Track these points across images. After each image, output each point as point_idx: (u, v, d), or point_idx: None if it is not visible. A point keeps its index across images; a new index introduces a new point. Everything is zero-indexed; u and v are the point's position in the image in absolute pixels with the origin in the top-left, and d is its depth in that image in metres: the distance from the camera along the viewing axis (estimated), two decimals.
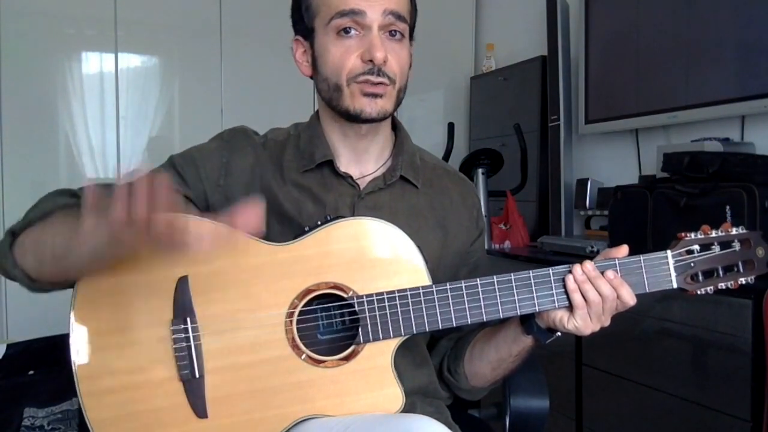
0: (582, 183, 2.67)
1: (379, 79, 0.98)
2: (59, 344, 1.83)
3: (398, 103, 1.04)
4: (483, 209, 2.53)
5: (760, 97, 1.93)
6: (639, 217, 1.94)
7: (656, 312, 1.77)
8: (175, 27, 3.03)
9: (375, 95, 0.99)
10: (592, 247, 2.08)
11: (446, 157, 2.92)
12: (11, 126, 2.77)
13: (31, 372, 1.95)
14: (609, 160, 2.72)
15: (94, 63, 2.94)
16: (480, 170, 2.69)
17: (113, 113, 2.93)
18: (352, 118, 1.01)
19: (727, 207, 1.65)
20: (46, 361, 1.95)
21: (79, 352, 0.92)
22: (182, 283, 0.92)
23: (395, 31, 1.01)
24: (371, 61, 0.97)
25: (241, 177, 1.05)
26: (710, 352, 1.64)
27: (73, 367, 0.91)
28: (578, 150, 2.83)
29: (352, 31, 0.99)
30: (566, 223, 2.72)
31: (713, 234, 0.96)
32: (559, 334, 0.99)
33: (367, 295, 0.93)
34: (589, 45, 2.63)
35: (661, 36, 2.31)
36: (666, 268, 0.95)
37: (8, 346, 1.95)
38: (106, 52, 2.93)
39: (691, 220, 0.98)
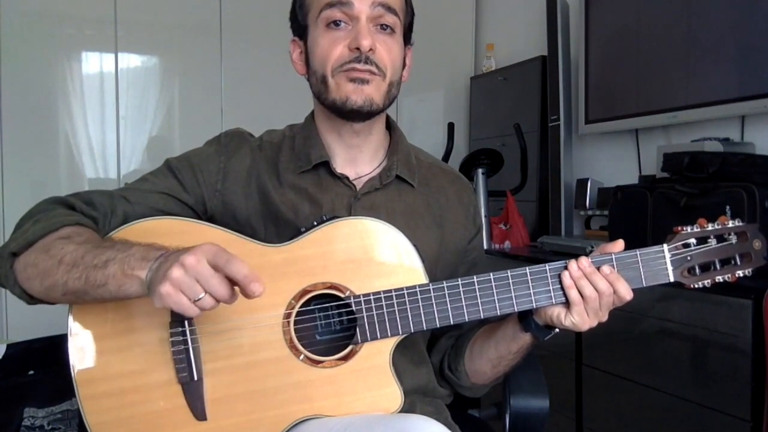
0: (582, 183, 2.67)
1: (366, 67, 0.98)
2: (59, 344, 1.82)
3: (389, 99, 1.03)
4: (483, 209, 2.59)
5: (760, 97, 1.93)
6: (639, 217, 1.94)
7: (656, 312, 1.77)
8: (175, 27, 3.03)
9: (362, 80, 0.98)
10: (592, 247, 2.07)
11: (446, 157, 2.92)
12: (11, 126, 2.77)
13: (31, 372, 1.95)
14: (609, 160, 2.72)
15: (94, 63, 2.94)
16: (480, 170, 2.69)
17: (113, 113, 2.94)
18: (339, 108, 1.00)
19: (727, 207, 1.65)
20: (46, 361, 1.95)
21: (78, 355, 0.92)
22: None
23: (386, 25, 1.00)
24: (357, 48, 0.97)
25: (239, 180, 1.05)
26: (710, 352, 1.64)
27: (72, 371, 0.91)
28: (578, 150, 2.83)
29: (342, 24, 0.99)
30: (566, 223, 2.72)
31: (709, 227, 0.96)
32: (557, 330, 0.99)
33: (364, 295, 0.93)
34: (589, 45, 2.63)
35: (661, 36, 2.31)
36: (662, 262, 0.95)
37: (8, 346, 1.95)
38: (106, 52, 2.93)
39: (691, 220, 0.98)
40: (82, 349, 0.92)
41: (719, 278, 0.96)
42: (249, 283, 0.78)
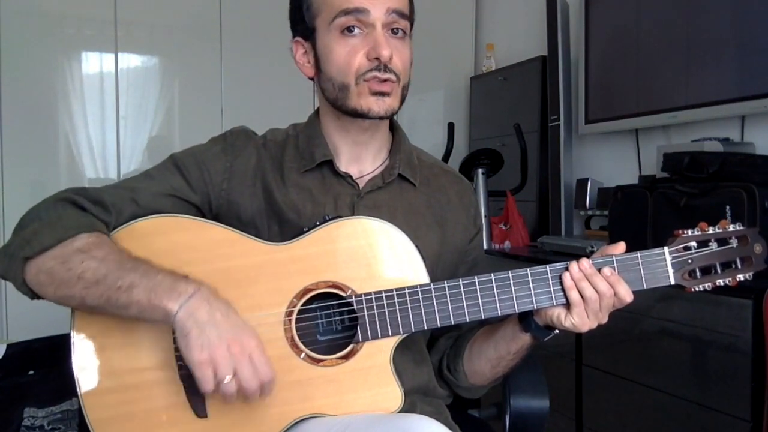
0: (582, 183, 2.67)
1: (386, 75, 0.99)
2: (59, 344, 1.83)
3: (402, 100, 1.05)
4: (483, 209, 2.59)
5: (760, 97, 1.93)
6: (639, 217, 1.94)
7: (656, 312, 1.77)
8: (175, 27, 3.03)
9: (383, 94, 0.99)
10: (592, 247, 2.07)
11: (446, 157, 2.92)
12: (11, 126, 2.76)
13: (31, 372, 1.95)
14: (609, 160, 2.72)
15: (94, 63, 2.94)
16: (480, 170, 2.69)
17: (113, 113, 2.93)
18: (360, 116, 1.01)
19: (727, 207, 1.65)
20: (46, 361, 1.95)
21: (80, 351, 0.92)
22: None
23: (398, 28, 1.01)
24: (377, 58, 0.98)
25: (244, 180, 1.05)
26: (710, 352, 1.64)
27: (74, 367, 0.91)
28: (578, 150, 2.83)
29: (356, 30, 0.99)
30: (566, 223, 2.72)
31: (710, 231, 0.96)
32: (557, 331, 0.99)
33: (366, 294, 0.93)
34: (589, 45, 2.63)
35: (661, 36, 2.31)
36: (663, 265, 0.95)
37: (8, 346, 1.95)
38: (106, 52, 2.93)
39: (691, 220, 0.98)
40: (85, 345, 0.92)
41: (720, 282, 0.97)
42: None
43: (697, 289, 0.96)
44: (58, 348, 1.86)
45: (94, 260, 0.87)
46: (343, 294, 0.94)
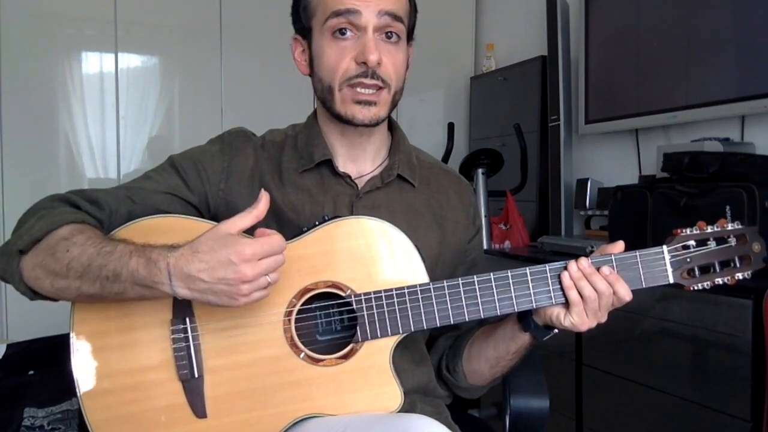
0: (582, 183, 2.67)
1: (373, 81, 0.98)
2: (59, 344, 1.83)
3: (393, 105, 1.04)
4: (483, 209, 2.59)
5: (760, 97, 1.93)
6: (639, 217, 1.94)
7: (656, 312, 1.77)
8: (175, 27, 3.03)
9: (368, 103, 0.99)
10: (592, 247, 2.07)
11: (446, 157, 2.92)
12: (11, 126, 2.76)
13: (31, 372, 1.95)
14: (609, 160, 2.72)
15: (94, 63, 2.94)
16: (480, 170, 2.69)
17: (113, 113, 2.93)
18: (345, 122, 1.02)
19: (727, 207, 1.65)
20: (46, 361, 1.95)
21: (80, 352, 0.92)
22: None
23: (391, 32, 1.00)
24: (365, 63, 0.97)
25: (242, 180, 1.05)
26: (710, 352, 1.64)
27: (73, 368, 0.91)
28: (578, 150, 2.83)
29: (348, 33, 0.99)
30: (566, 223, 2.72)
31: (708, 230, 0.96)
32: (556, 330, 0.99)
33: (365, 294, 0.93)
34: (589, 45, 2.63)
35: (661, 36, 2.31)
36: (662, 263, 0.95)
37: (8, 346, 1.95)
38: (106, 52, 2.93)
39: (691, 220, 0.98)
40: (84, 346, 0.92)
41: (719, 280, 0.97)
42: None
43: (696, 287, 0.96)
44: (58, 348, 1.86)
45: (76, 246, 0.86)
46: (343, 294, 0.94)
